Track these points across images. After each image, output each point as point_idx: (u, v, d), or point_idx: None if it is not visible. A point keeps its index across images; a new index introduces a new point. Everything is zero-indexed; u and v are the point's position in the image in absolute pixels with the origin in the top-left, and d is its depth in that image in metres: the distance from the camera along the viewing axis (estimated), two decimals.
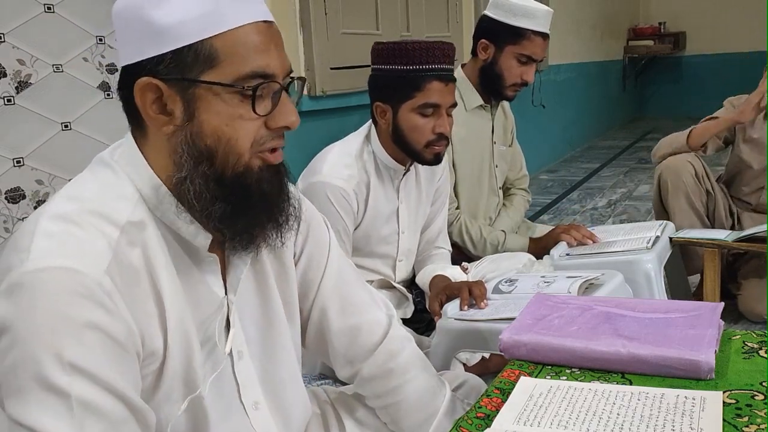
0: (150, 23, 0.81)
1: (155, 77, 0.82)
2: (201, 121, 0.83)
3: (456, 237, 2.23)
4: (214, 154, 0.84)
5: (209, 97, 0.82)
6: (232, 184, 0.85)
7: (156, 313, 0.84)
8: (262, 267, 1.01)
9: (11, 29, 1.69)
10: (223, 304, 0.94)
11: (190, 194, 0.84)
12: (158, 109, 0.84)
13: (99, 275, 0.77)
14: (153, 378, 0.85)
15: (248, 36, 0.83)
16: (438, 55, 1.74)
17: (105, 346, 0.76)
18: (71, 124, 1.84)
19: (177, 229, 0.87)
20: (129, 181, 0.86)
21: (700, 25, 7.96)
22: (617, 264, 1.82)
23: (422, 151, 1.81)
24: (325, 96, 2.59)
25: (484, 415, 0.91)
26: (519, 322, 1.13)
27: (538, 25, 2.17)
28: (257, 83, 0.83)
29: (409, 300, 1.99)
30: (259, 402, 0.99)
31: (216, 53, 0.81)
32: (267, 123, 0.86)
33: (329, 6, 2.60)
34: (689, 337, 1.00)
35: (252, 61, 0.83)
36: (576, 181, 5.08)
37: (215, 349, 0.93)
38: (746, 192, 2.48)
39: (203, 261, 0.91)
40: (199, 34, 0.81)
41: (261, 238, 0.90)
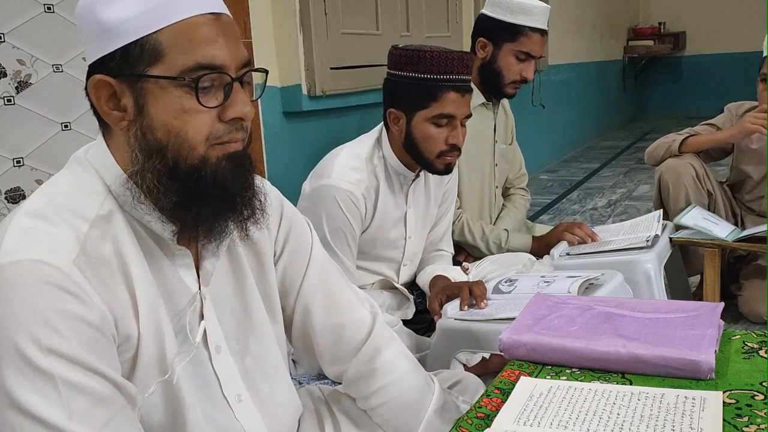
0: (100, 22, 0.83)
1: (108, 74, 0.84)
2: (151, 115, 0.84)
3: (458, 236, 2.23)
4: (164, 148, 0.85)
5: (157, 91, 0.83)
6: (186, 176, 0.85)
7: (129, 301, 0.86)
8: (239, 264, 1.02)
9: (11, 29, 1.69)
10: (196, 297, 0.95)
11: (143, 187, 0.86)
12: (113, 105, 0.86)
13: (67, 266, 0.80)
14: (129, 364, 0.87)
15: (193, 28, 0.83)
16: (457, 65, 1.72)
17: (80, 332, 0.79)
18: (71, 124, 1.83)
19: (146, 223, 0.89)
20: (98, 177, 0.89)
21: (700, 25, 7.96)
22: (617, 264, 1.83)
23: (433, 161, 1.80)
24: (325, 96, 2.59)
25: (484, 415, 0.91)
26: (519, 322, 1.13)
27: (535, 22, 2.17)
28: (201, 74, 0.83)
29: (410, 301, 1.99)
30: (241, 395, 1.01)
31: (160, 47, 0.83)
32: (220, 115, 0.86)
33: (329, 6, 2.60)
34: (689, 337, 1.00)
35: (197, 52, 0.83)
36: (576, 181, 5.08)
37: (187, 339, 0.94)
38: (748, 199, 2.48)
39: (174, 254, 0.93)
40: (143, 30, 0.82)
41: (222, 230, 0.91)
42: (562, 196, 4.61)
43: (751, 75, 2.41)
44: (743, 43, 7.50)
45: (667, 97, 8.33)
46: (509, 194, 2.57)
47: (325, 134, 2.68)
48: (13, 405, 0.75)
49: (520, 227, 2.47)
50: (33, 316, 0.76)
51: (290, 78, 2.50)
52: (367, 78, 2.78)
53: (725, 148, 2.49)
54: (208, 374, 0.97)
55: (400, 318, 1.94)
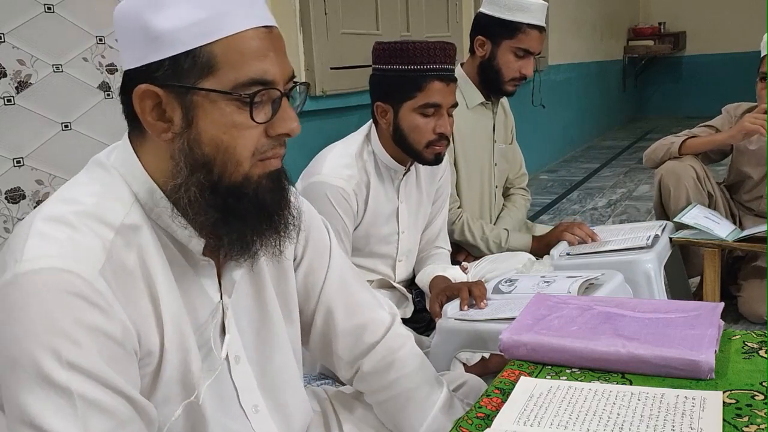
0: (148, 29, 0.80)
1: (154, 84, 0.81)
2: (199, 129, 0.82)
3: (458, 236, 2.23)
4: (211, 163, 0.83)
5: (207, 104, 0.81)
6: (228, 193, 0.84)
7: (152, 314, 0.84)
8: (259, 271, 1.01)
9: (11, 29, 1.69)
10: (218, 308, 0.93)
11: (184, 201, 0.83)
12: (157, 116, 0.83)
13: (92, 276, 0.77)
14: (150, 379, 0.85)
15: (247, 42, 0.81)
16: (439, 54, 1.74)
17: (102, 345, 0.76)
18: (71, 124, 1.83)
19: (173, 233, 0.87)
20: (124, 184, 0.86)
21: (700, 25, 7.96)
22: (617, 264, 1.82)
23: (423, 151, 1.81)
24: (325, 96, 2.59)
25: (484, 415, 0.91)
26: (519, 322, 1.13)
27: (532, 19, 2.18)
28: (255, 90, 0.81)
29: (409, 300, 1.99)
30: (258, 405, 0.99)
31: (214, 60, 0.80)
32: (267, 130, 0.84)
33: (329, 6, 2.60)
34: (689, 337, 1.00)
35: (250, 67, 0.81)
36: (576, 181, 5.08)
37: (211, 353, 0.92)
38: (747, 199, 2.48)
39: (198, 264, 0.91)
40: (196, 41, 0.80)
41: (258, 247, 0.89)
42: (562, 196, 4.61)
43: (751, 75, 2.41)
44: (743, 43, 7.50)
45: (667, 97, 8.33)
46: (509, 194, 2.57)
47: (325, 134, 2.68)
48: (26, 421, 0.73)
49: (520, 227, 2.47)
50: (53, 328, 0.74)
51: None
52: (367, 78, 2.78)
53: (724, 150, 2.48)
54: (227, 385, 0.96)
55: (401, 316, 1.94)
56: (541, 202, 4.42)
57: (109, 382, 0.76)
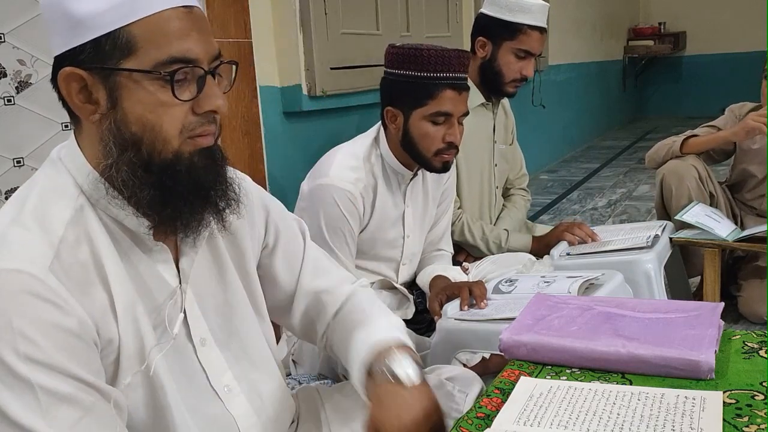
0: (69, 14, 0.82)
1: (78, 67, 0.83)
2: (125, 109, 0.84)
3: (458, 236, 2.23)
4: (140, 142, 0.84)
5: (131, 84, 0.83)
6: (161, 170, 0.86)
7: (108, 304, 0.86)
8: (220, 256, 1.03)
9: (11, 29, 1.69)
10: (176, 292, 0.95)
11: (117, 181, 0.85)
12: (84, 98, 0.85)
13: (42, 274, 0.79)
14: (113, 368, 0.87)
15: (166, 22, 0.83)
16: (453, 63, 1.72)
17: (59, 339, 0.79)
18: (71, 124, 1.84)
19: (121, 220, 0.89)
20: (69, 177, 0.88)
21: (700, 25, 7.96)
22: (617, 264, 1.82)
23: (431, 159, 1.80)
24: (325, 96, 2.59)
25: (484, 415, 0.91)
26: (519, 322, 1.13)
27: (533, 20, 2.17)
28: (176, 68, 0.83)
29: (410, 301, 1.99)
30: (230, 386, 1.01)
31: (134, 40, 0.82)
32: (193, 108, 0.86)
33: (329, 6, 2.60)
34: (689, 337, 1.00)
35: (170, 46, 0.83)
36: (576, 181, 5.08)
37: (166, 332, 0.94)
38: (749, 198, 2.48)
39: (152, 250, 0.93)
40: (115, 23, 0.82)
41: (198, 223, 0.91)
42: (562, 196, 4.61)
43: (751, 75, 2.41)
44: (743, 43, 7.51)
45: (667, 97, 8.33)
46: (509, 194, 2.57)
47: (325, 134, 2.68)
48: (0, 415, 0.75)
49: (520, 227, 2.47)
50: (10, 326, 0.76)
51: (290, 78, 2.50)
52: (368, 78, 2.78)
53: (726, 150, 2.48)
54: (194, 367, 0.98)
55: (400, 318, 1.94)
56: (541, 202, 4.42)
57: (69, 372, 0.79)
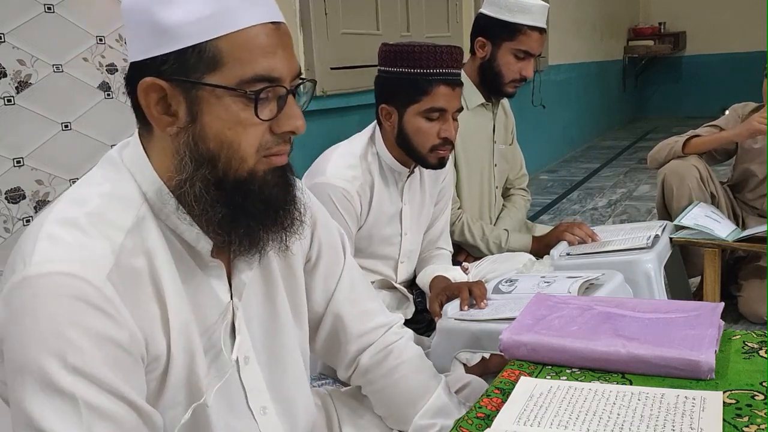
0: (155, 22, 0.80)
1: (159, 77, 0.81)
2: (204, 124, 0.81)
3: (458, 236, 2.23)
4: (216, 158, 0.82)
5: (212, 100, 0.81)
6: (234, 188, 0.83)
7: (159, 318, 0.83)
8: (269, 270, 1.00)
9: (11, 29, 1.69)
10: (228, 309, 0.93)
11: (190, 197, 0.83)
12: (162, 110, 0.83)
13: (101, 281, 0.77)
14: (157, 384, 0.85)
15: (254, 38, 0.81)
16: (446, 59, 1.73)
17: (108, 352, 0.76)
18: (71, 124, 1.83)
19: (181, 233, 0.86)
20: (133, 183, 0.85)
21: (700, 25, 7.96)
22: (617, 264, 1.82)
23: (427, 155, 1.81)
24: (325, 96, 2.59)
25: (484, 415, 0.91)
26: (519, 322, 1.13)
27: (533, 20, 2.17)
28: (261, 87, 0.81)
29: (410, 300, 1.99)
30: (266, 407, 0.99)
31: (220, 55, 0.80)
32: (272, 127, 0.84)
33: (329, 6, 2.60)
34: (689, 337, 1.00)
35: (257, 64, 0.80)
36: (576, 181, 5.08)
37: (220, 355, 0.92)
38: (751, 198, 2.48)
39: (207, 266, 0.90)
40: (203, 35, 0.79)
41: (264, 243, 0.88)
42: (562, 196, 4.61)
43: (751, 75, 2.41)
44: (743, 43, 7.51)
45: (667, 97, 8.33)
46: (509, 194, 2.57)
47: (325, 134, 2.67)
48: (31, 425, 0.73)
49: (520, 227, 2.47)
50: (59, 334, 0.73)
51: None
52: (368, 78, 2.76)
53: (728, 150, 2.48)
54: (235, 386, 0.95)
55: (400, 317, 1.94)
56: (541, 202, 4.42)
57: (114, 390, 0.76)
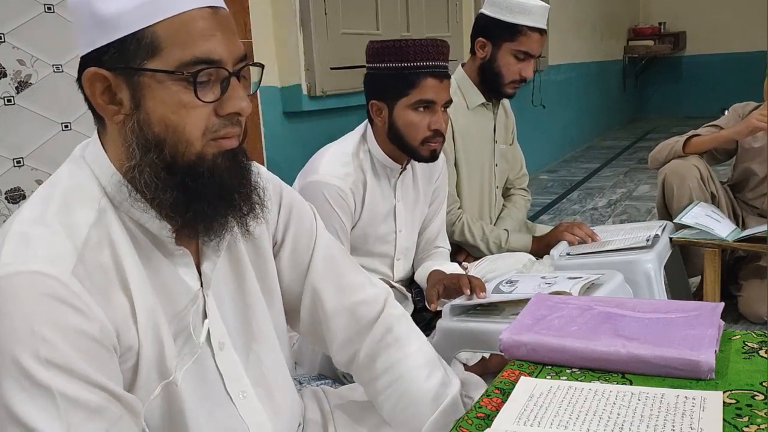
0: (95, 14, 0.82)
1: (102, 67, 0.83)
2: (148, 110, 0.83)
3: (458, 236, 2.23)
4: (162, 143, 0.84)
5: (154, 85, 0.82)
6: (184, 172, 0.85)
7: (128, 309, 0.85)
8: (238, 256, 1.01)
9: (11, 29, 1.69)
10: (198, 296, 0.94)
11: (140, 183, 0.84)
12: (108, 99, 0.85)
13: (66, 277, 0.79)
14: (131, 374, 0.86)
15: (190, 22, 0.82)
16: (432, 52, 1.75)
17: (81, 345, 0.78)
18: (71, 124, 1.83)
19: (143, 223, 0.88)
20: (93, 178, 0.87)
21: (700, 25, 7.97)
22: (617, 264, 1.82)
23: (418, 148, 1.82)
24: (325, 96, 2.59)
25: (484, 415, 0.91)
26: (519, 322, 1.13)
27: (533, 21, 2.17)
28: (199, 69, 0.82)
29: (409, 299, 1.99)
30: (246, 391, 1.00)
31: (158, 41, 0.81)
32: (216, 110, 0.85)
33: (329, 6, 2.60)
34: (689, 337, 1.00)
35: (194, 47, 0.82)
36: (576, 181, 5.08)
37: (190, 339, 0.93)
38: (751, 198, 2.48)
39: (173, 254, 0.92)
40: (140, 23, 0.81)
41: (220, 225, 0.90)
42: (562, 196, 4.62)
43: (751, 75, 2.42)
44: (743, 43, 7.51)
45: (667, 97, 8.33)
46: (509, 194, 2.57)
47: (325, 134, 2.67)
48: (12, 418, 0.75)
49: (520, 227, 2.47)
50: (31, 330, 0.75)
51: (290, 78, 2.50)
52: None
53: (729, 149, 2.48)
54: (211, 371, 0.97)
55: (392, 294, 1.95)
56: (541, 202, 4.42)
57: (90, 380, 0.78)
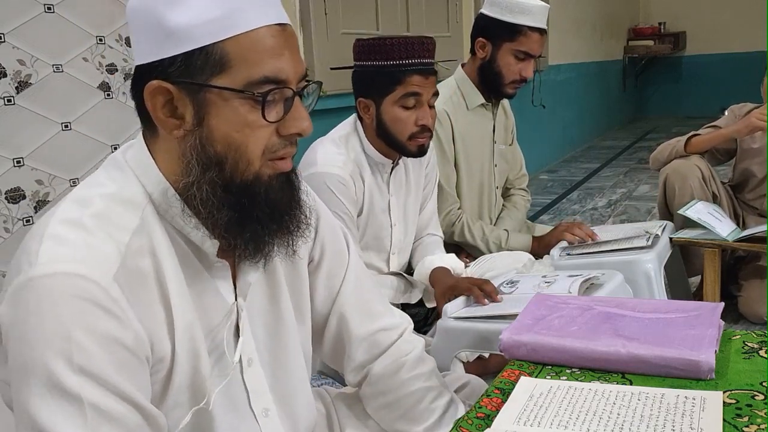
0: (162, 24, 0.79)
1: (166, 80, 0.80)
2: (211, 127, 0.81)
3: (458, 237, 2.23)
4: (223, 161, 0.82)
5: (219, 102, 0.80)
6: (240, 191, 0.83)
7: (164, 319, 0.83)
8: (274, 272, 1.00)
9: (11, 29, 1.69)
10: (232, 310, 0.93)
11: (196, 200, 0.82)
12: (169, 113, 0.82)
13: (107, 282, 0.76)
14: (161, 386, 0.85)
15: (261, 40, 0.80)
16: (417, 49, 1.76)
17: (113, 353, 0.76)
18: (71, 124, 1.83)
19: (186, 234, 0.86)
20: (139, 184, 0.85)
21: (700, 25, 7.97)
22: (617, 264, 1.82)
23: (406, 144, 1.82)
24: (325, 96, 2.59)
25: (484, 415, 0.91)
26: (519, 322, 1.13)
27: (533, 21, 2.17)
28: (268, 89, 0.80)
29: (414, 286, 1.99)
30: (269, 409, 0.98)
31: (227, 57, 0.79)
32: (278, 129, 0.84)
33: (329, 6, 2.60)
34: (689, 337, 1.00)
35: (264, 65, 0.80)
36: (576, 181, 5.08)
37: (223, 357, 0.91)
38: (751, 198, 2.48)
39: (213, 266, 0.90)
40: (210, 37, 0.79)
41: (270, 248, 0.88)
42: (562, 196, 4.62)
43: (751, 75, 2.42)
44: (743, 43, 7.51)
45: (667, 97, 8.33)
46: (509, 195, 2.57)
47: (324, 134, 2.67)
48: (36, 427, 0.72)
49: (520, 227, 2.47)
50: (65, 334, 0.73)
51: None
52: None
53: (730, 150, 2.48)
54: (238, 387, 0.95)
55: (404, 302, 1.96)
56: (541, 202, 4.42)
57: (120, 391, 0.76)
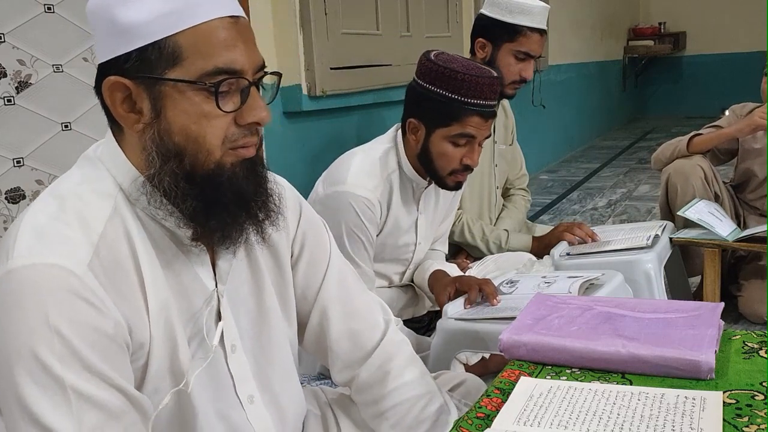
0: (116, 22, 0.82)
1: (123, 76, 0.83)
2: (169, 119, 0.83)
3: (458, 237, 2.23)
4: (182, 152, 0.84)
5: (175, 94, 0.83)
6: (203, 181, 0.85)
7: (142, 306, 0.85)
8: (256, 263, 1.01)
9: (11, 29, 1.69)
10: (213, 296, 0.94)
11: (160, 191, 0.85)
12: (128, 108, 0.85)
13: (82, 271, 0.79)
14: (140, 373, 0.86)
15: (213, 31, 0.82)
16: (486, 91, 1.69)
17: (94, 340, 0.78)
18: (71, 124, 1.83)
19: (159, 220, 0.88)
20: (109, 176, 0.88)
21: (700, 25, 7.97)
22: (617, 264, 1.82)
23: (445, 178, 1.79)
24: (325, 96, 2.59)
25: (484, 415, 0.91)
26: (519, 322, 1.13)
27: (534, 22, 2.17)
28: (221, 79, 0.82)
29: (421, 298, 1.99)
30: (254, 396, 1.00)
31: (180, 50, 0.82)
32: (236, 119, 0.86)
33: (329, 6, 2.60)
34: (689, 337, 1.00)
35: (216, 57, 0.82)
36: (576, 181, 5.08)
37: (203, 343, 0.93)
38: (752, 198, 2.48)
39: (191, 251, 0.92)
40: (162, 32, 0.81)
41: (238, 234, 0.90)
42: (562, 196, 4.61)
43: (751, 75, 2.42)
44: (743, 43, 7.51)
45: (667, 97, 8.33)
46: (509, 195, 2.57)
47: (325, 134, 2.68)
48: (25, 411, 0.75)
49: (520, 227, 2.47)
50: (47, 323, 0.75)
51: (290, 78, 2.50)
52: (368, 78, 2.78)
53: (731, 150, 2.48)
54: (223, 373, 0.96)
55: (411, 316, 1.95)
56: (541, 202, 4.42)
57: (104, 377, 0.78)
